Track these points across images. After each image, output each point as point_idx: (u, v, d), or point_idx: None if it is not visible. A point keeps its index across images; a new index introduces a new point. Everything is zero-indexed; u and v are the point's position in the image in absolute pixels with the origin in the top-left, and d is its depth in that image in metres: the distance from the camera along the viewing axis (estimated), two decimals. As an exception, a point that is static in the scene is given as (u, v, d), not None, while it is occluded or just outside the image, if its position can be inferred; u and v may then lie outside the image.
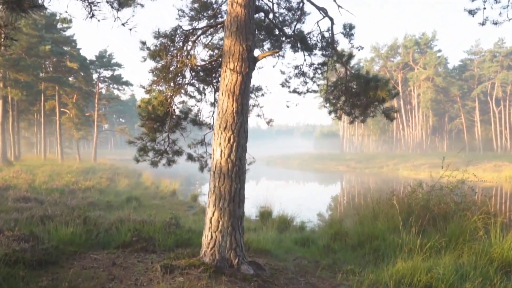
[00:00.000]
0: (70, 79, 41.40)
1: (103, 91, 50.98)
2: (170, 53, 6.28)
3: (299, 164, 71.68)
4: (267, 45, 8.73)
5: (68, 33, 39.70)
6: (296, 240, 8.75)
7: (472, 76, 75.21)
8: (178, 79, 6.89)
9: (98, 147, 64.60)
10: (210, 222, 5.30)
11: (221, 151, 5.27)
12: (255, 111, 7.94)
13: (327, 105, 8.14)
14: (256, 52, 5.96)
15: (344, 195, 27.08)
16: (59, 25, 36.76)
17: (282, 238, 9.11)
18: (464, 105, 75.67)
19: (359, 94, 7.28)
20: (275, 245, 8.02)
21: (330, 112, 8.26)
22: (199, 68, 7.26)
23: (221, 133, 5.30)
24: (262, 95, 8.06)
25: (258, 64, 7.76)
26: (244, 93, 5.36)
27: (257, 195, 15.41)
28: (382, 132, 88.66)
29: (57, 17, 34.14)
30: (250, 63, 5.41)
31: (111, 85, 48.41)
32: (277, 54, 7.74)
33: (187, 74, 7.07)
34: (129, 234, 6.93)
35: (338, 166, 61.41)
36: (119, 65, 45.37)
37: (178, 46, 6.39)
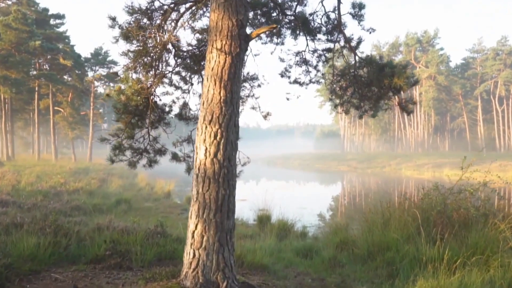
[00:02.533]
0: (65, 77, 40.36)
1: (102, 90, 49.96)
2: (148, 31, 5.29)
3: (300, 164, 70.69)
4: (264, 32, 7.74)
5: (61, 29, 38.67)
6: (297, 250, 7.77)
7: (474, 74, 74.18)
8: (160, 65, 5.90)
9: (97, 147, 63.58)
10: (193, 236, 4.31)
11: (206, 149, 4.28)
12: (249, 102, 6.95)
13: (333, 97, 7.14)
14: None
15: (347, 197, 26.08)
16: (51, 21, 35.69)
17: (282, 248, 8.13)
18: (467, 104, 74.66)
19: (370, 83, 6.29)
20: (274, 257, 7.03)
21: (335, 106, 7.27)
22: (184, 54, 6.27)
23: (206, 127, 4.31)
24: (259, 85, 7.06)
25: (254, 50, 6.70)
26: (234, 79, 4.37)
27: (256, 197, 14.40)
28: (383, 131, 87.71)
29: (49, 13, 33.06)
30: (241, 41, 4.42)
31: (107, 83, 47.33)
32: (275, 30, 6.75)
33: (171, 61, 6.08)
34: (103, 247, 5.94)
35: (340, 166, 60.43)
36: (115, 63, 44.35)
37: (156, 24, 5.40)
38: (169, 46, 5.89)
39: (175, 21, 5.50)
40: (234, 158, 4.41)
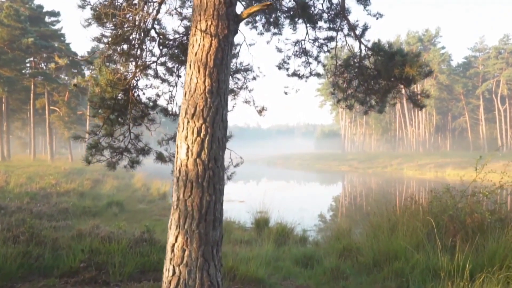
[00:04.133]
0: (62, 76, 39.70)
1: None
2: (124, 12, 4.63)
3: (300, 164, 70.08)
4: (260, 21, 7.11)
5: (56, 27, 37.90)
6: (296, 259, 7.14)
7: (476, 73, 73.50)
8: (142, 54, 5.26)
9: (94, 147, 62.73)
10: (172, 251, 3.67)
11: (188, 148, 3.65)
12: (242, 95, 6.29)
13: (335, 91, 6.50)
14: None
15: (349, 199, 25.42)
16: (46, 18, 34.96)
17: (280, 256, 7.49)
18: (468, 103, 73.97)
19: (377, 75, 5.65)
20: (271, 267, 6.41)
21: (338, 101, 6.63)
22: (171, 42, 5.63)
23: (188, 122, 3.68)
24: (254, 78, 6.41)
25: (248, 39, 6.09)
26: (221, 65, 3.74)
27: (254, 198, 13.76)
28: (384, 131, 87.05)
29: (44, 10, 32.31)
30: (230, 22, 3.78)
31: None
32: (272, 19, 6.11)
33: (156, 51, 5.43)
34: (78, 258, 5.31)
35: (340, 166, 59.77)
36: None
37: (132, 4, 4.75)
38: (153, 33, 5.25)
39: (158, 3, 4.87)
40: (221, 159, 3.77)
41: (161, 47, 5.56)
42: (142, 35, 4.85)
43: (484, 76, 72.58)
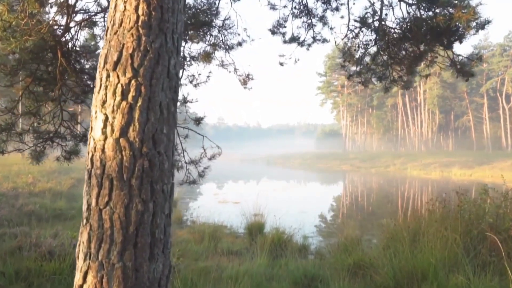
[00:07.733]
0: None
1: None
2: None
3: (301, 164, 68.57)
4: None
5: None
6: (295, 278, 5.63)
7: (480, 71, 71.76)
8: (77, 3, 3.74)
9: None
10: (80, 297, 2.15)
11: (106, 120, 2.13)
12: (218, 56, 4.74)
13: (346, 63, 4.97)
14: None
15: (355, 200, 23.85)
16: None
17: (275, 273, 6.00)
18: (472, 101, 72.39)
19: (403, 38, 4.12)
20: (261, 292, 4.91)
21: (350, 76, 5.11)
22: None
23: (108, 77, 2.16)
24: (239, 44, 4.85)
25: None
26: (167, -17, 2.21)
27: (251, 199, 12.23)
28: (386, 130, 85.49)
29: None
30: None
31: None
32: None
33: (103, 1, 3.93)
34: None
35: (342, 166, 58.23)
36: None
37: None
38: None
39: None
40: (166, 140, 2.23)
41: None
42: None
43: (488, 74, 70.98)
